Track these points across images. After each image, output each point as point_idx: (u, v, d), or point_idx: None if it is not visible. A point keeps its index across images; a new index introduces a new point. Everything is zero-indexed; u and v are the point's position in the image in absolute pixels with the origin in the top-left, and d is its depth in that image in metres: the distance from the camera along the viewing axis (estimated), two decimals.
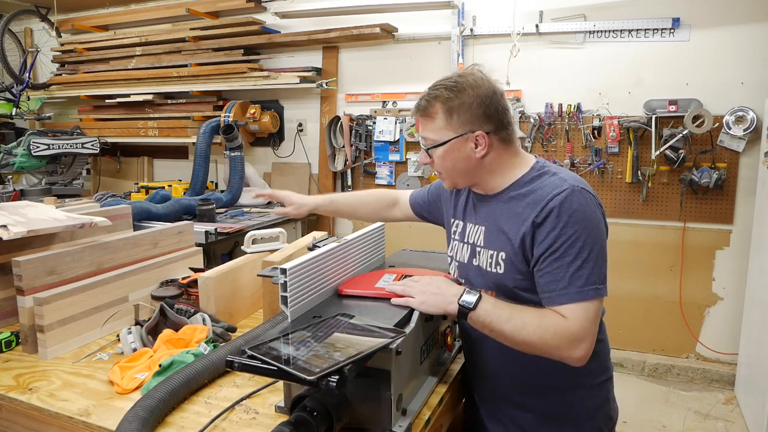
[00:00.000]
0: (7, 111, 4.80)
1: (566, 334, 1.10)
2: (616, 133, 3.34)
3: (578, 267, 1.12)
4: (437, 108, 1.23)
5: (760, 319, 2.76)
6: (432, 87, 1.26)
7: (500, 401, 1.35)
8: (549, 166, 1.26)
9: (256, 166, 4.46)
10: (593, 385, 1.30)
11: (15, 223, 1.49)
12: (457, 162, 1.25)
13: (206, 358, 1.28)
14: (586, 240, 1.12)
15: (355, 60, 4.10)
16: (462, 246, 1.37)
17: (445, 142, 1.23)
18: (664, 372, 3.40)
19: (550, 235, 1.14)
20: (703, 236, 3.31)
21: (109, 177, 5.04)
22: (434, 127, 1.25)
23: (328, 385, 0.87)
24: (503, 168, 1.27)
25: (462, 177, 1.29)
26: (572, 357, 1.10)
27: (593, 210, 1.17)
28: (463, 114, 1.21)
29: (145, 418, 1.05)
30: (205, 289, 1.61)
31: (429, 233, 4.16)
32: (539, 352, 1.12)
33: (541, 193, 1.18)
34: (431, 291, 1.18)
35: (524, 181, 1.25)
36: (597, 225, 1.16)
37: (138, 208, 3.04)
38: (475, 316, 1.13)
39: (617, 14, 3.33)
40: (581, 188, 1.17)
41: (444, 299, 1.16)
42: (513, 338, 1.12)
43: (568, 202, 1.14)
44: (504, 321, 1.12)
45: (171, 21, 4.53)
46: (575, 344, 1.10)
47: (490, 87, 1.23)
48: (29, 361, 1.43)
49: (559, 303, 1.12)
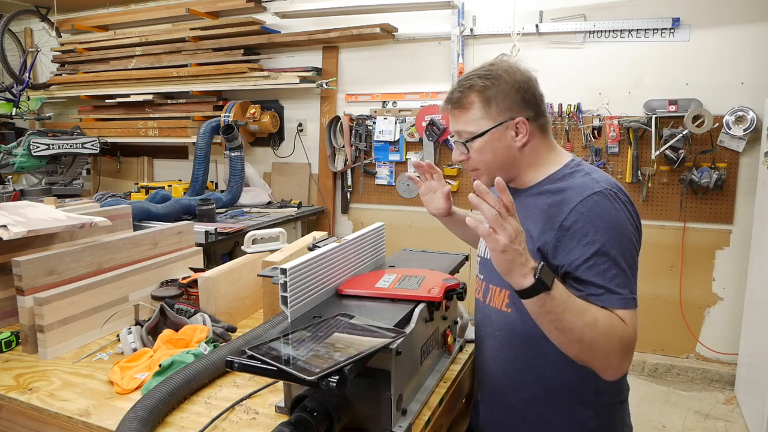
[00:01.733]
0: (7, 111, 4.80)
1: (628, 342, 1.02)
2: (616, 133, 3.34)
3: (614, 275, 1.05)
4: (473, 98, 1.17)
5: (760, 319, 2.76)
6: (464, 78, 1.19)
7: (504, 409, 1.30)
8: (584, 166, 1.20)
9: (256, 166, 4.46)
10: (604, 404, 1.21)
11: (15, 223, 1.49)
12: (497, 153, 1.18)
13: (206, 358, 1.28)
14: (618, 248, 1.06)
15: (355, 60, 4.10)
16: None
17: (485, 133, 1.17)
18: (664, 372, 3.40)
19: (583, 241, 1.06)
20: (703, 236, 3.31)
21: (109, 177, 5.04)
22: (470, 118, 1.18)
23: (328, 385, 0.87)
24: (540, 160, 1.21)
25: (501, 170, 1.21)
26: (621, 368, 1.03)
27: (624, 215, 1.09)
28: (502, 101, 1.16)
29: (145, 418, 1.05)
30: (205, 289, 1.61)
31: (429, 233, 4.18)
32: (594, 356, 1.02)
33: (571, 194, 1.12)
34: (517, 246, 0.95)
35: (556, 177, 1.19)
36: (628, 233, 1.09)
37: (138, 208, 3.04)
38: (549, 298, 0.96)
39: (617, 14, 3.33)
40: (613, 192, 1.10)
41: (523, 264, 0.96)
42: (581, 335, 0.99)
43: (599, 207, 1.07)
44: (577, 313, 0.99)
45: (171, 21, 4.53)
46: (629, 355, 1.03)
47: (524, 73, 1.19)
48: (29, 361, 1.43)
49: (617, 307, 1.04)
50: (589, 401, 1.19)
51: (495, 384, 1.30)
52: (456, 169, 3.77)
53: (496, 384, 1.30)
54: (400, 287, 1.28)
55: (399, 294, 1.25)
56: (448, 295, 1.27)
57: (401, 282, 1.31)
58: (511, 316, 1.21)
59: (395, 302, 1.23)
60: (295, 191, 4.34)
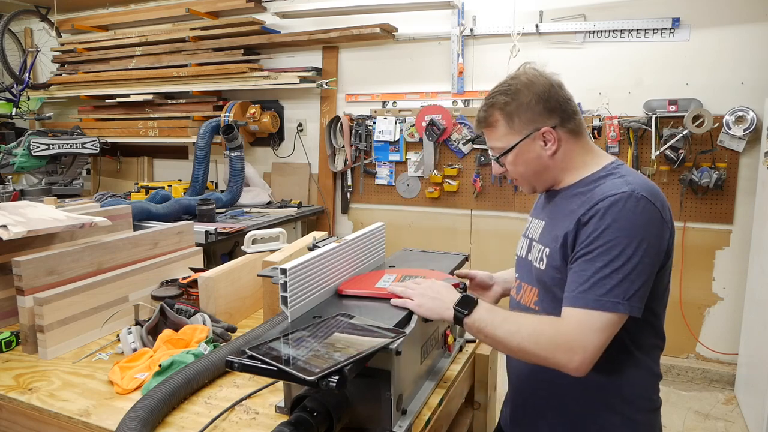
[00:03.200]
0: (7, 111, 4.80)
1: (563, 340, 1.04)
2: (616, 133, 3.34)
3: (606, 275, 1.04)
4: (496, 116, 1.21)
5: (760, 319, 2.76)
6: (489, 96, 1.23)
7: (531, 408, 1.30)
8: (622, 169, 1.18)
9: (256, 166, 4.46)
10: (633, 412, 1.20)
11: (15, 223, 1.49)
12: (529, 164, 1.22)
13: (206, 358, 1.28)
14: (625, 249, 1.04)
15: (355, 60, 4.10)
16: (523, 240, 1.34)
17: (512, 148, 1.21)
18: (664, 372, 3.37)
19: (590, 237, 1.08)
20: (703, 236, 3.31)
21: (109, 177, 5.04)
22: (498, 135, 1.22)
23: (328, 385, 0.87)
24: (575, 163, 1.22)
25: (537, 179, 1.25)
26: (568, 366, 1.03)
27: (648, 221, 1.07)
28: (524, 114, 1.18)
29: (145, 418, 1.06)
30: (205, 289, 1.61)
31: (429, 233, 4.18)
32: (535, 359, 1.07)
33: (597, 192, 1.12)
34: (430, 295, 1.18)
35: (591, 179, 1.19)
36: (647, 237, 1.06)
37: (138, 208, 3.04)
38: (470, 321, 1.11)
39: (617, 14, 3.33)
40: (642, 195, 1.07)
41: (442, 304, 1.15)
42: (507, 343, 1.09)
43: (618, 206, 1.06)
44: (496, 326, 1.10)
45: (171, 21, 4.53)
46: (572, 351, 1.03)
47: (545, 81, 1.19)
48: (29, 361, 1.43)
49: (571, 305, 1.07)
50: (618, 407, 1.18)
51: (522, 382, 1.31)
52: (456, 170, 3.77)
53: (524, 382, 1.31)
54: None
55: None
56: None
57: (401, 282, 1.31)
58: (538, 314, 1.21)
59: None
60: (295, 191, 4.34)
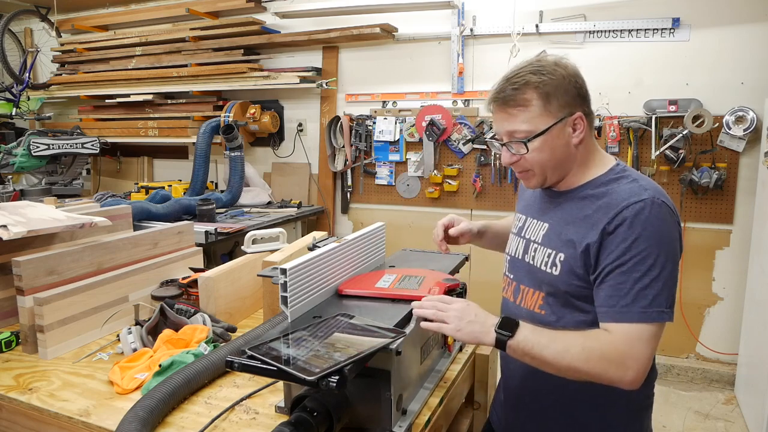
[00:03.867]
0: (7, 111, 4.80)
1: (615, 356, 1.00)
2: (616, 133, 3.34)
3: (645, 285, 1.02)
4: (530, 94, 1.10)
5: (760, 319, 2.76)
6: (513, 75, 1.12)
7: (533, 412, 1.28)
8: (630, 171, 1.16)
9: (256, 166, 4.46)
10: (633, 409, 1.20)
11: (15, 223, 1.49)
12: (555, 151, 1.13)
13: (206, 358, 1.28)
14: (658, 257, 1.02)
15: (355, 60, 4.10)
16: (518, 240, 1.30)
17: (546, 131, 1.11)
18: (664, 372, 3.40)
19: (620, 247, 1.04)
20: (703, 236, 3.31)
21: (109, 177, 5.04)
22: (528, 116, 1.11)
23: (328, 385, 0.87)
24: (589, 160, 1.18)
25: (556, 169, 1.17)
26: (623, 380, 1.01)
27: (670, 227, 1.06)
28: (562, 96, 1.10)
29: (145, 418, 1.05)
30: (205, 289, 1.61)
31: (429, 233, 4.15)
32: (586, 377, 1.02)
33: (616, 198, 1.08)
34: (467, 318, 1.07)
35: (600, 181, 1.15)
36: (672, 243, 1.05)
37: (138, 208, 3.04)
38: (515, 344, 1.03)
39: (617, 14, 3.33)
40: (661, 201, 1.06)
41: (482, 328, 1.06)
42: (557, 365, 1.02)
43: (644, 214, 1.04)
44: (544, 346, 1.02)
45: (171, 21, 4.53)
46: (625, 366, 1.00)
47: (573, 66, 1.14)
48: (29, 361, 1.43)
49: (616, 320, 1.03)
50: (620, 405, 1.18)
51: (523, 386, 1.28)
52: (456, 170, 3.77)
53: (524, 386, 1.28)
54: (400, 287, 1.28)
55: (399, 294, 1.25)
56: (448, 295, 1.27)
57: (401, 282, 1.31)
58: (543, 318, 1.19)
59: (395, 302, 1.23)
60: (295, 191, 4.34)
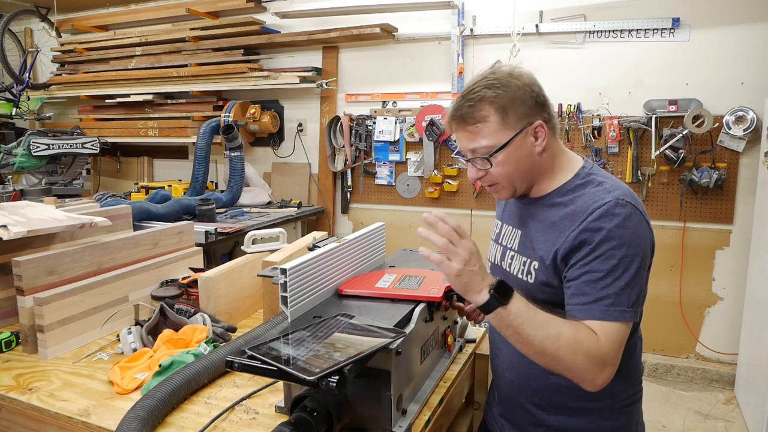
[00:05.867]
0: (7, 111, 4.80)
1: (598, 356, 1.00)
2: (616, 133, 3.34)
3: (607, 284, 1.03)
4: (486, 110, 1.09)
5: (760, 319, 2.76)
6: (468, 91, 1.11)
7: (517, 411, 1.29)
8: (595, 174, 1.16)
9: (256, 166, 4.46)
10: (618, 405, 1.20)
11: (15, 223, 1.49)
12: (519, 163, 1.13)
13: (206, 358, 1.28)
14: (622, 258, 1.03)
15: (355, 60, 4.10)
16: (496, 247, 1.32)
17: (507, 144, 1.10)
18: (664, 372, 3.40)
19: (585, 249, 1.05)
20: (703, 236, 3.31)
21: (109, 177, 5.04)
22: (488, 131, 1.10)
23: (328, 385, 0.87)
24: (555, 165, 1.18)
25: (523, 179, 1.16)
26: (595, 381, 1.01)
27: (636, 226, 1.06)
28: (519, 107, 1.10)
29: (145, 418, 1.05)
30: (205, 289, 1.61)
31: None
32: (561, 368, 1.01)
33: (582, 205, 1.09)
34: (471, 266, 0.99)
35: (567, 188, 1.16)
36: (637, 243, 1.05)
37: (138, 208, 3.05)
38: (505, 313, 0.99)
39: (617, 14, 3.33)
40: (626, 202, 1.07)
41: (479, 283, 0.99)
42: (542, 347, 1.00)
43: (608, 216, 1.05)
44: (537, 326, 1.00)
45: (171, 21, 4.53)
46: (603, 368, 1.01)
47: (530, 75, 1.13)
48: (29, 361, 1.43)
49: (582, 317, 1.04)
50: (604, 405, 1.19)
51: (511, 387, 1.30)
52: (456, 170, 3.77)
53: (511, 387, 1.30)
54: (400, 287, 1.28)
55: (399, 294, 1.25)
56: (448, 296, 1.27)
57: (401, 282, 1.31)
58: None
59: (395, 302, 1.23)
60: (295, 191, 4.34)
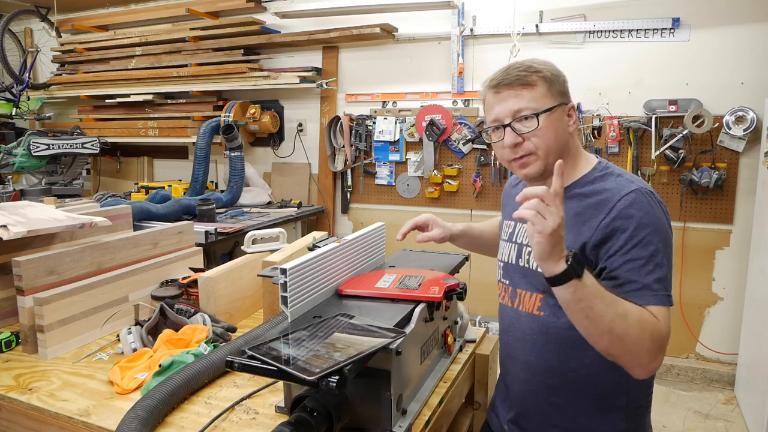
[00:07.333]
0: (7, 111, 4.80)
1: (659, 338, 1.01)
2: (616, 133, 3.34)
3: (650, 270, 1.05)
4: (535, 78, 1.17)
5: (760, 319, 2.76)
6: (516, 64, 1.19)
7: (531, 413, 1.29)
8: (612, 167, 1.21)
9: (256, 166, 4.46)
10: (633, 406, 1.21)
11: (15, 223, 1.49)
12: (558, 134, 1.17)
13: (206, 358, 1.28)
14: (658, 244, 1.06)
15: (355, 60, 4.10)
16: (510, 246, 1.32)
17: (552, 108, 1.16)
18: (664, 372, 3.40)
19: (620, 237, 1.07)
20: (703, 236, 3.31)
21: (109, 177, 5.04)
22: (535, 95, 1.16)
23: (328, 385, 0.87)
24: (578, 156, 1.23)
25: (557, 154, 1.16)
26: (651, 365, 1.02)
27: (662, 215, 1.11)
28: (560, 84, 1.19)
29: (145, 418, 1.05)
30: (205, 289, 1.61)
31: None
32: (624, 350, 1.01)
33: (607, 194, 1.12)
34: (561, 232, 0.95)
35: (587, 179, 1.19)
36: (666, 230, 1.10)
37: (138, 208, 3.05)
38: (581, 285, 0.96)
39: (617, 14, 3.33)
40: (649, 191, 1.12)
41: (561, 251, 0.96)
42: (611, 326, 0.98)
43: (637, 204, 1.08)
44: (608, 302, 0.98)
45: (171, 21, 4.53)
46: (660, 351, 1.01)
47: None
48: (29, 361, 1.43)
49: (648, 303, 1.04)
50: (621, 404, 1.19)
51: (527, 388, 1.29)
52: (456, 170, 3.77)
53: (527, 388, 1.28)
54: (400, 287, 1.28)
55: (399, 294, 1.25)
56: (448, 296, 1.27)
57: (401, 282, 1.31)
58: (544, 320, 1.20)
59: (395, 302, 1.23)
60: (295, 191, 4.34)
